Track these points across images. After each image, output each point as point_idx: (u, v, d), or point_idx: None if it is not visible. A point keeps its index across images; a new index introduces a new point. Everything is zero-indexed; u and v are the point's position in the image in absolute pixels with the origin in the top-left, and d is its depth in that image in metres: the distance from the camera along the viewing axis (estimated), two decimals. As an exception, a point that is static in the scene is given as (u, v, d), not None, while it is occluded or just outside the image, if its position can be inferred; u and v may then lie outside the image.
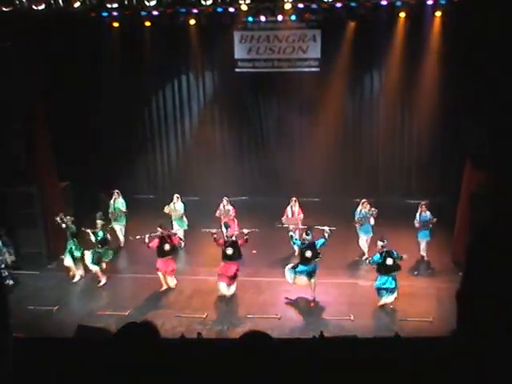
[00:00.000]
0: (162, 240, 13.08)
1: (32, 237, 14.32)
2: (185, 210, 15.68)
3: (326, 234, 12.56)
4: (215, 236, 12.70)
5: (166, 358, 2.21)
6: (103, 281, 13.57)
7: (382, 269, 11.97)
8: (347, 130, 18.19)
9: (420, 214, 14.11)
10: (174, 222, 15.52)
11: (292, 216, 14.99)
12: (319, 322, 11.53)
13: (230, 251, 12.54)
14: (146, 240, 13.08)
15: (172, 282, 13.28)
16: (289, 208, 15.05)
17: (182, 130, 19.08)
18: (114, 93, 17.55)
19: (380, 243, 12.12)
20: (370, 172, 18.25)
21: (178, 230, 15.28)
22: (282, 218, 14.94)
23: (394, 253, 12.03)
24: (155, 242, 13.04)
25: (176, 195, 15.71)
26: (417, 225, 14.06)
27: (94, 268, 13.56)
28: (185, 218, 15.73)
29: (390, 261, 11.93)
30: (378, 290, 12.06)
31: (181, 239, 13.98)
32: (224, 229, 13.02)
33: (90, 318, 11.83)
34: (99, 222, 13.79)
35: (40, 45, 14.55)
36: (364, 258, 13.75)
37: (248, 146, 18.85)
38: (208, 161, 18.75)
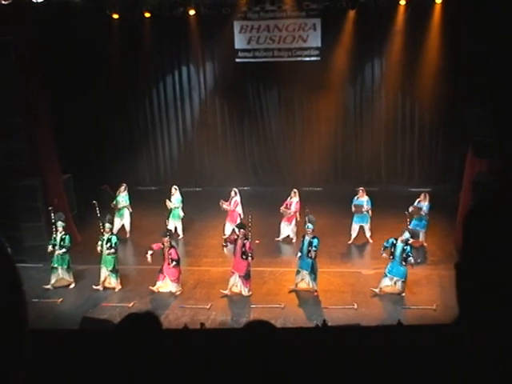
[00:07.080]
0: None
1: (35, 230, 14.31)
2: (182, 202, 15.37)
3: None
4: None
5: (167, 348, 2.22)
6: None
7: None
8: (349, 118, 18.14)
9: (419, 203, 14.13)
10: (170, 217, 15.04)
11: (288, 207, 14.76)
12: (322, 311, 11.56)
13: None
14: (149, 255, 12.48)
15: (175, 288, 12.56)
16: (288, 199, 14.82)
17: (183, 121, 19.03)
18: (115, 84, 17.54)
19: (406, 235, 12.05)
20: (373, 160, 18.21)
21: (176, 223, 15.11)
22: (281, 209, 14.76)
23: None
24: (157, 245, 12.46)
25: (174, 187, 15.50)
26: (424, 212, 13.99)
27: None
28: (181, 211, 15.32)
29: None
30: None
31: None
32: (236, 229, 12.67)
33: (95, 309, 11.88)
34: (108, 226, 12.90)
35: (40, 37, 14.49)
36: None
37: (249, 137, 18.81)
38: (209, 151, 18.76)
